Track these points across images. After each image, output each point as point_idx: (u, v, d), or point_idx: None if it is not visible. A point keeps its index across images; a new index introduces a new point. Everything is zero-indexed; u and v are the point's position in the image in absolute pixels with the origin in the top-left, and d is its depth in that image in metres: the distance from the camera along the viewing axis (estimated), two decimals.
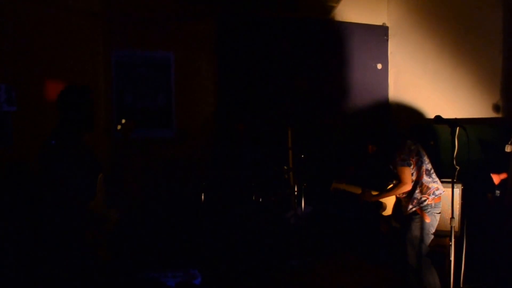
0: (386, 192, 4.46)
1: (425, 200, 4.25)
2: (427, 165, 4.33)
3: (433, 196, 4.27)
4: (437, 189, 4.30)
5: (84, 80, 5.26)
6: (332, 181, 4.96)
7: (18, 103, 4.76)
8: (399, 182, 4.28)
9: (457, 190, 4.67)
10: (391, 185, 4.49)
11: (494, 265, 4.69)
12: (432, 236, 4.27)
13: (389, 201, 4.65)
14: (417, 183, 4.29)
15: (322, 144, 6.61)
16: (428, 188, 4.27)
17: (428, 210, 4.24)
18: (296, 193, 5.72)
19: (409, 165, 4.24)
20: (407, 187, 4.25)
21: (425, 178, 4.28)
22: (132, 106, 5.89)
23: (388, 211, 4.70)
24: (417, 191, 4.27)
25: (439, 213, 4.30)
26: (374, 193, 4.60)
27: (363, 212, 5.93)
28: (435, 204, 4.27)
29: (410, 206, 4.29)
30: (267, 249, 5.55)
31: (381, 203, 4.69)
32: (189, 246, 5.45)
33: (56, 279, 3.17)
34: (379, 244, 5.59)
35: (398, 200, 4.55)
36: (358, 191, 4.71)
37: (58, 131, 3.31)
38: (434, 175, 4.35)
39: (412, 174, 4.27)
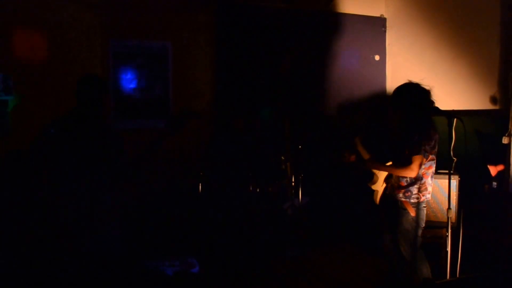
0: (389, 167, 4.28)
1: (417, 198, 4.15)
2: (434, 167, 4.20)
3: (424, 198, 4.18)
4: (429, 193, 4.21)
5: (81, 70, 5.25)
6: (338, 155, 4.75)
7: (15, 92, 4.75)
8: (405, 165, 4.06)
9: (454, 182, 4.68)
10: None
11: (491, 256, 4.72)
12: (422, 228, 4.22)
13: (381, 176, 4.52)
14: (421, 180, 4.14)
15: (319, 135, 6.62)
16: (426, 189, 4.17)
17: (414, 205, 4.15)
18: (293, 183, 5.73)
19: (426, 157, 4.05)
20: (412, 174, 4.07)
21: (428, 180, 4.18)
22: (129, 96, 5.87)
23: (377, 186, 4.58)
24: (416, 186, 4.13)
25: (425, 206, 4.21)
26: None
27: (360, 203, 5.95)
28: (419, 202, 4.19)
29: (400, 195, 4.16)
30: (264, 239, 5.57)
31: (373, 175, 4.57)
32: (186, 236, 5.46)
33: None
34: (376, 235, 5.60)
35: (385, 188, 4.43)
36: (366, 156, 4.56)
37: (65, 119, 3.33)
38: (432, 179, 4.24)
39: (421, 167, 4.11)
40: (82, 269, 3.22)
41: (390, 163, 4.34)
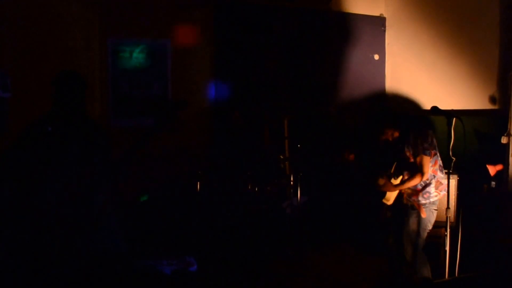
0: (404, 183, 4.30)
1: (436, 196, 4.16)
2: (440, 161, 4.24)
3: (443, 193, 4.18)
4: (445, 188, 4.21)
5: (80, 67, 5.23)
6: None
7: (13, 90, 4.74)
8: (415, 172, 4.14)
9: (453, 181, 4.67)
10: (404, 177, 4.38)
11: (489, 255, 4.72)
12: (429, 230, 4.23)
13: (392, 192, 4.54)
14: (433, 177, 4.17)
15: (318, 134, 6.61)
16: (441, 183, 4.17)
17: (426, 206, 4.16)
18: (292, 182, 5.71)
19: (429, 155, 4.09)
20: (426, 176, 4.12)
21: (439, 174, 4.18)
22: (128, 93, 5.86)
23: (390, 201, 4.60)
24: (432, 185, 4.16)
25: (436, 209, 4.24)
26: (394, 183, 4.46)
27: (359, 202, 5.94)
28: (436, 200, 4.21)
29: (419, 198, 4.19)
30: (263, 238, 5.55)
31: (385, 192, 4.59)
32: (185, 235, 5.45)
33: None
34: (375, 235, 5.60)
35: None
36: (382, 182, 4.58)
37: (52, 116, 3.30)
38: (443, 172, 4.26)
39: (429, 166, 4.13)
40: (78, 269, 3.20)
41: (400, 178, 4.37)
